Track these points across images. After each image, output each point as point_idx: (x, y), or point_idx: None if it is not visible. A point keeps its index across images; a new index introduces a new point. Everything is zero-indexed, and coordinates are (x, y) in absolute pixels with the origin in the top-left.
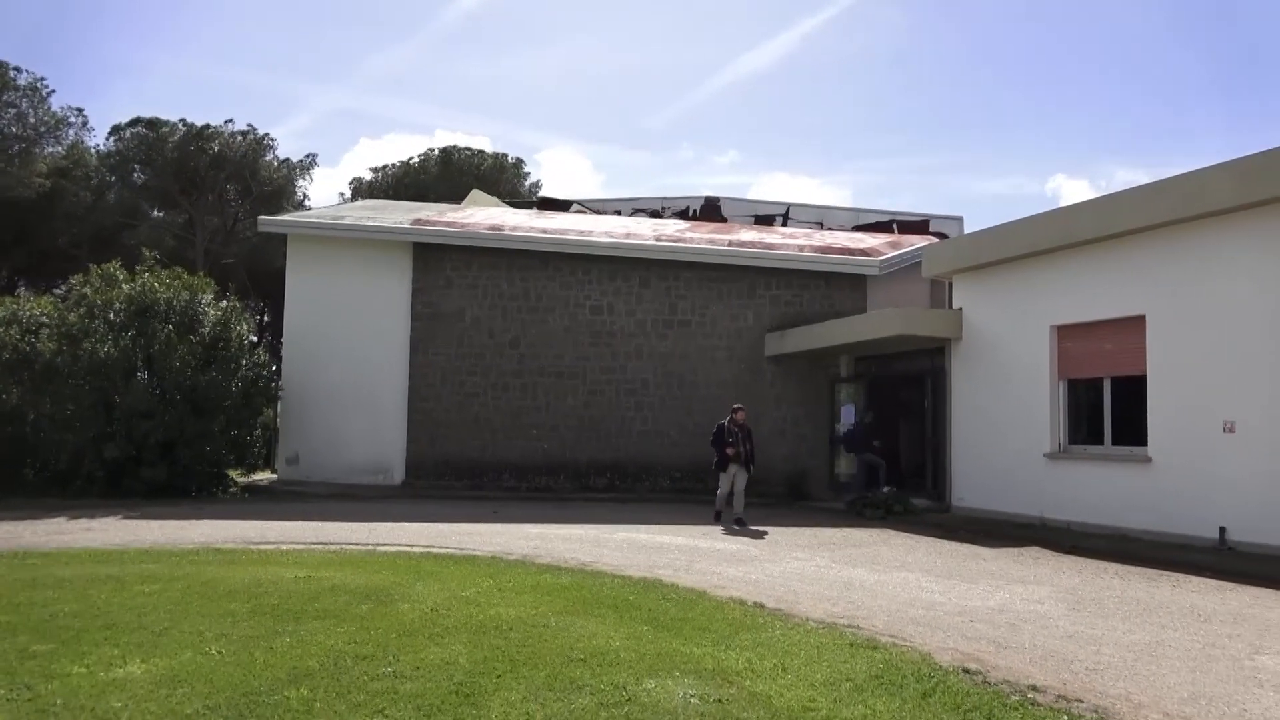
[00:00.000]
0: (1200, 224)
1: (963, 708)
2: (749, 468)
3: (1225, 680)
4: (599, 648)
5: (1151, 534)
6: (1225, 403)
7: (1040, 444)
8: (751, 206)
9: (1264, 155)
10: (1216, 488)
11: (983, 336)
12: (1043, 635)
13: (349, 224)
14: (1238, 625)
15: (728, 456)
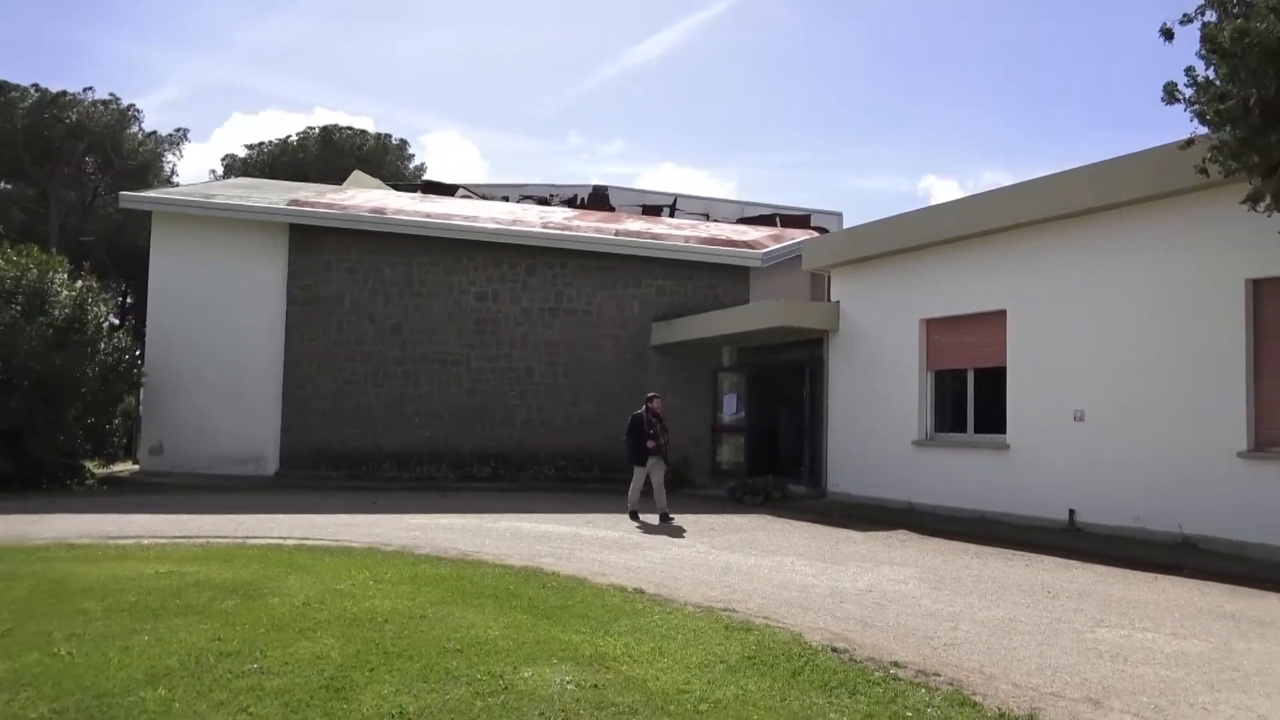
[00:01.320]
0: (1058, 224)
1: (829, 685)
2: (667, 459)
3: (1069, 652)
4: (477, 637)
5: (1009, 517)
6: (1076, 394)
7: (909, 432)
8: (639, 196)
9: (1116, 161)
10: (1067, 473)
11: (858, 328)
12: (906, 614)
13: (221, 203)
14: (1082, 601)
15: (648, 450)
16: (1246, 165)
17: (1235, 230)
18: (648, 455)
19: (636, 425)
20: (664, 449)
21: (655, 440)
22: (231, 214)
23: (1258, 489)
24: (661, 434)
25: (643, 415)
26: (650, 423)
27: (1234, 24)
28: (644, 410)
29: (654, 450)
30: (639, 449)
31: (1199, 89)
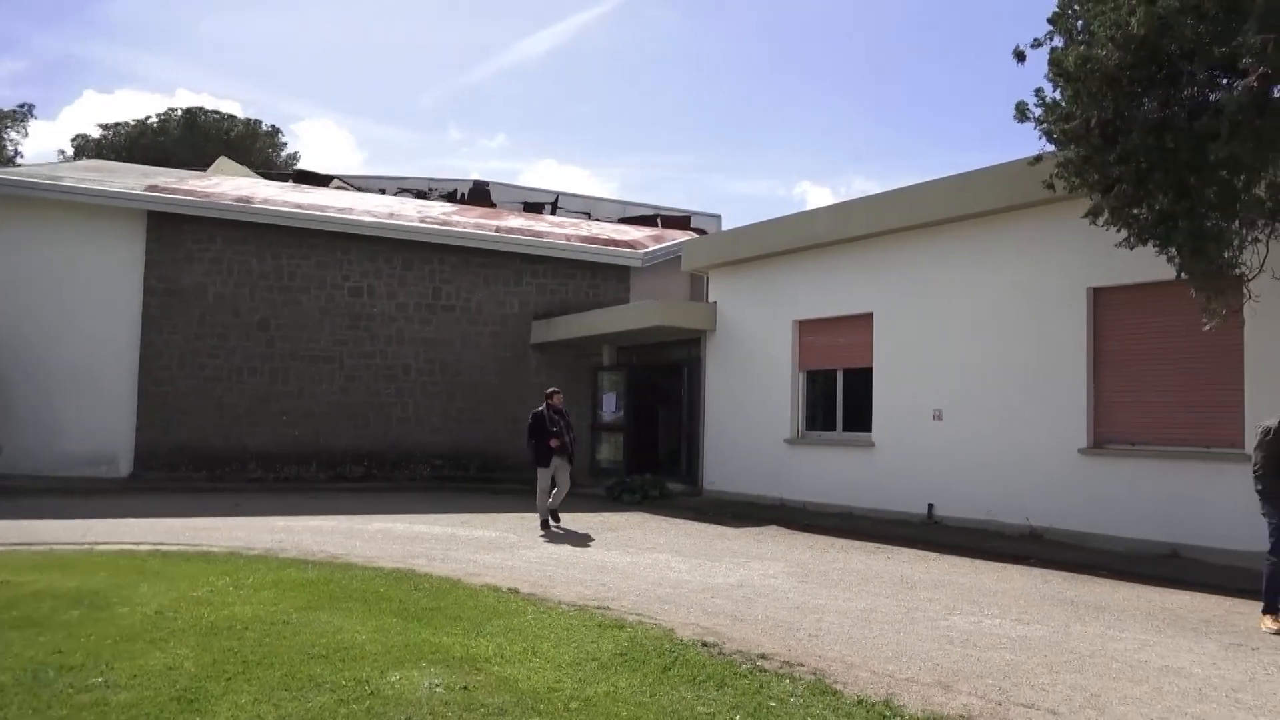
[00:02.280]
0: (921, 232)
1: (698, 679)
2: (572, 460)
3: (924, 639)
4: (343, 642)
5: (875, 512)
6: (936, 394)
7: (782, 430)
8: (521, 193)
9: (973, 174)
10: (927, 469)
11: (734, 329)
12: (774, 607)
13: (70, 185)
14: (937, 590)
15: (551, 449)
16: (1088, 182)
17: (1079, 242)
18: (551, 455)
19: (538, 424)
20: (569, 448)
21: (559, 439)
22: (83, 198)
23: (1096, 483)
24: (565, 431)
25: (543, 413)
26: (552, 420)
27: (1077, 50)
28: (545, 408)
29: (558, 450)
30: (542, 449)
31: (1047, 109)
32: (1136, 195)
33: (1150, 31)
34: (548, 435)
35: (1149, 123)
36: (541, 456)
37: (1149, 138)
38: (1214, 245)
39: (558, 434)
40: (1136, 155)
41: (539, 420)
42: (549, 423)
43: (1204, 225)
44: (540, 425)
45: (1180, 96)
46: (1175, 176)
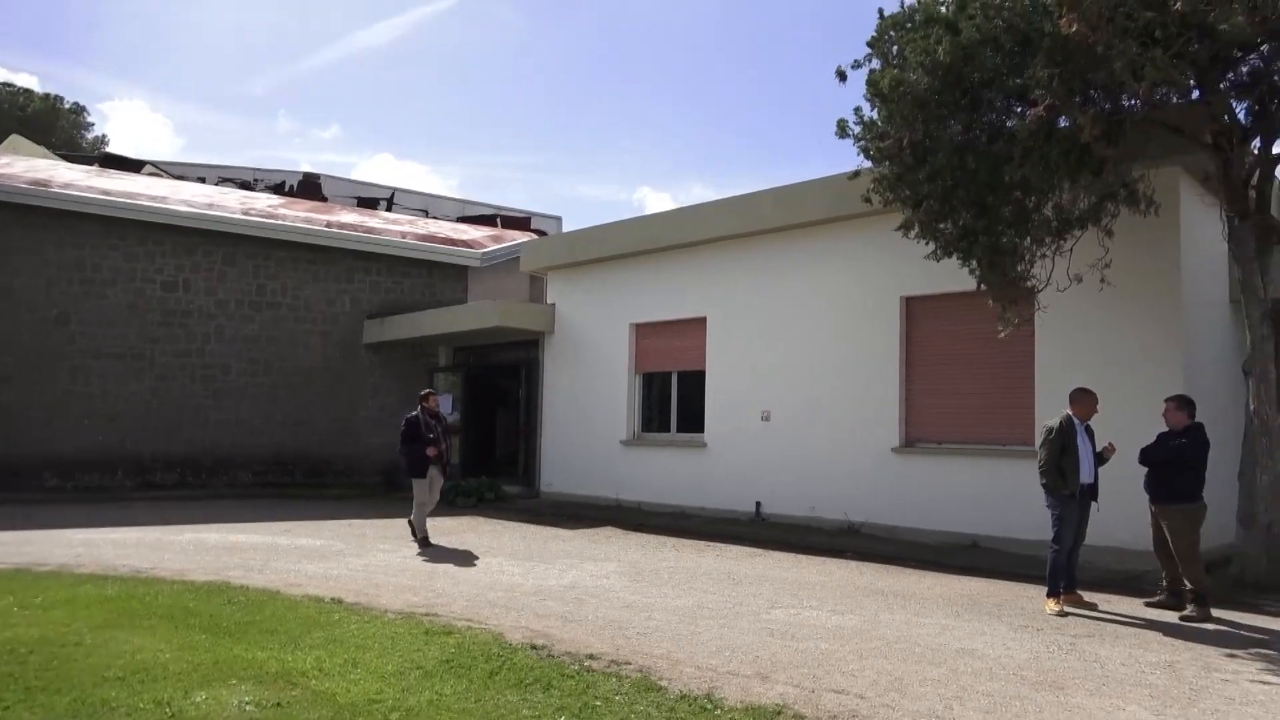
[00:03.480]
0: (752, 239)
1: (525, 682)
2: (447, 470)
3: (747, 633)
4: (143, 662)
5: (706, 511)
6: (764, 395)
7: (618, 432)
8: (355, 188)
9: (799, 185)
10: (755, 469)
11: (573, 331)
12: (605, 607)
13: None
14: (761, 585)
15: (429, 458)
16: (900, 197)
17: (893, 253)
18: (428, 465)
19: (413, 430)
20: (445, 456)
21: (437, 446)
22: None
23: (906, 480)
24: (443, 438)
25: (418, 418)
26: (428, 425)
27: (892, 73)
28: (419, 411)
29: (435, 459)
30: (417, 458)
31: (865, 127)
32: (942, 211)
33: (955, 60)
34: (424, 443)
35: (953, 144)
36: (417, 466)
37: (953, 158)
38: (1008, 260)
39: (434, 441)
40: (942, 174)
41: (414, 426)
42: (425, 428)
43: (1000, 241)
44: (416, 431)
45: (981, 121)
46: (976, 195)
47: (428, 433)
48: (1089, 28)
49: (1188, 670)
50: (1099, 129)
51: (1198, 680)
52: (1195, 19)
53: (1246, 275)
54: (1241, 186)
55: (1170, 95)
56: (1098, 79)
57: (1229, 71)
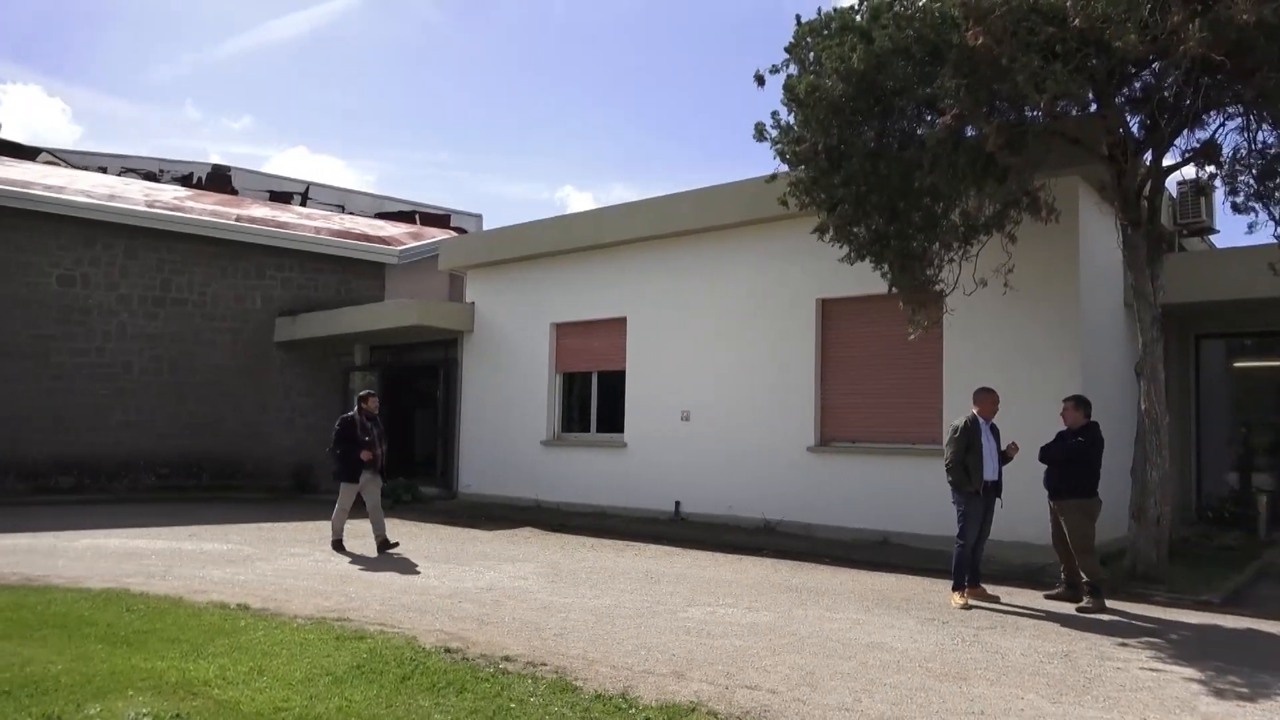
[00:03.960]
0: (671, 241)
1: (438, 686)
2: (384, 473)
3: (663, 631)
4: (32, 675)
5: (626, 510)
6: (684, 395)
7: (538, 432)
8: (267, 181)
9: (717, 188)
10: (675, 468)
11: (493, 330)
12: (522, 608)
13: None
14: (679, 584)
15: (363, 461)
16: (815, 201)
17: (810, 256)
18: (361, 469)
19: (347, 431)
20: (381, 460)
21: (372, 450)
22: None
23: (821, 478)
24: (379, 442)
25: (354, 419)
26: (364, 427)
27: (808, 79)
28: (356, 412)
29: (370, 462)
30: (351, 461)
31: (781, 131)
32: (856, 215)
33: (868, 68)
34: (359, 445)
35: (867, 150)
36: (350, 470)
37: (866, 164)
38: (918, 264)
39: (370, 444)
40: (856, 179)
41: (348, 427)
42: (361, 430)
43: (911, 245)
44: (351, 433)
45: (893, 128)
46: (888, 200)
47: (363, 435)
48: (994, 41)
49: (1083, 659)
50: (1003, 138)
51: (1092, 669)
52: (1093, 35)
53: (1139, 281)
54: (1135, 197)
55: (1070, 108)
56: (1003, 90)
57: (1124, 87)
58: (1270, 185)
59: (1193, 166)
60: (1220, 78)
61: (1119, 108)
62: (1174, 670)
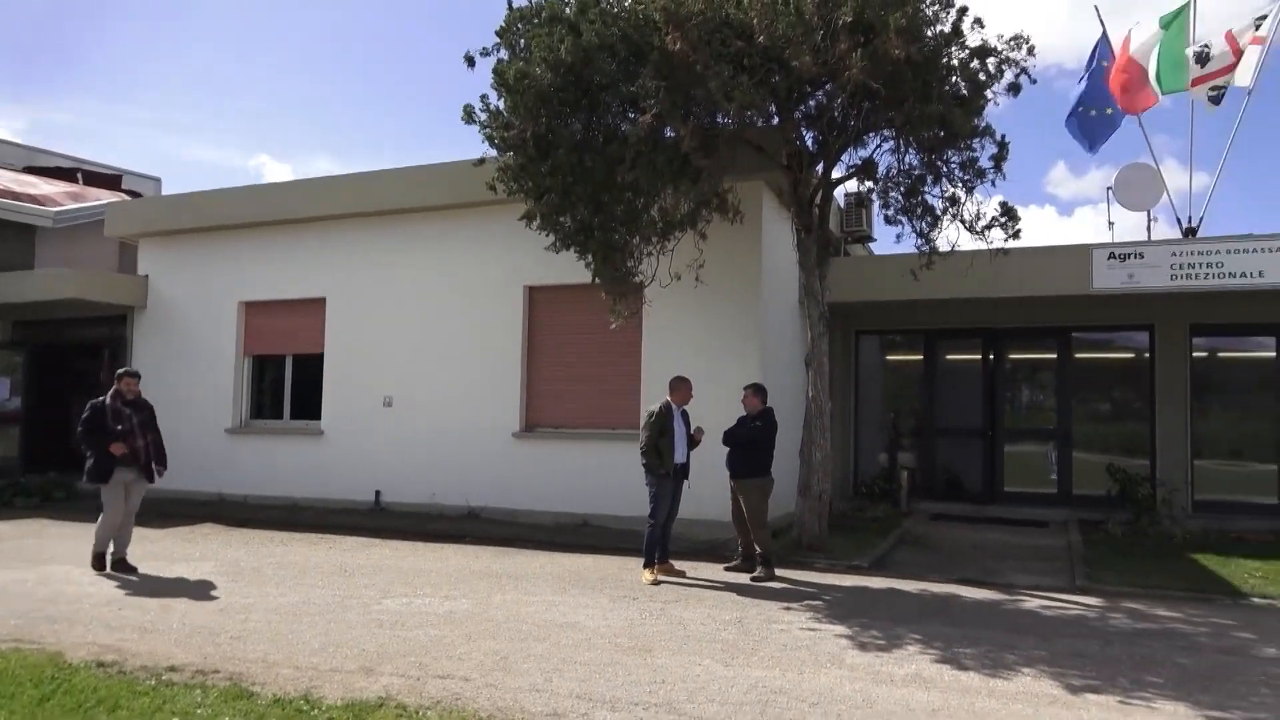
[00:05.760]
0: (377, 219)
1: (84, 705)
2: (152, 472)
3: (354, 626)
4: None
5: (322, 501)
6: (386, 381)
7: (223, 420)
8: None
9: (426, 167)
10: (375, 456)
11: (171, 307)
12: (195, 613)
13: None
14: (375, 576)
15: (115, 458)
16: (523, 188)
17: (518, 242)
18: (114, 466)
19: (97, 420)
20: (146, 454)
21: (130, 442)
22: None
23: (526, 464)
24: (140, 432)
25: (105, 405)
26: (121, 415)
27: (518, 65)
28: (110, 396)
29: (129, 458)
30: (103, 459)
31: (491, 116)
32: (562, 205)
33: (576, 60)
34: (111, 437)
35: (573, 141)
36: (100, 468)
37: (573, 155)
38: (619, 256)
39: (127, 435)
40: (563, 169)
41: (98, 415)
42: (114, 419)
43: (613, 238)
44: (100, 422)
45: (599, 122)
46: (592, 192)
47: (116, 424)
48: (690, 47)
49: (753, 624)
50: (697, 141)
51: (760, 632)
52: (775, 53)
53: (809, 281)
54: (808, 204)
55: (756, 118)
56: (698, 95)
57: (802, 103)
58: (914, 202)
59: (855, 181)
60: (878, 103)
61: (797, 122)
62: (828, 629)
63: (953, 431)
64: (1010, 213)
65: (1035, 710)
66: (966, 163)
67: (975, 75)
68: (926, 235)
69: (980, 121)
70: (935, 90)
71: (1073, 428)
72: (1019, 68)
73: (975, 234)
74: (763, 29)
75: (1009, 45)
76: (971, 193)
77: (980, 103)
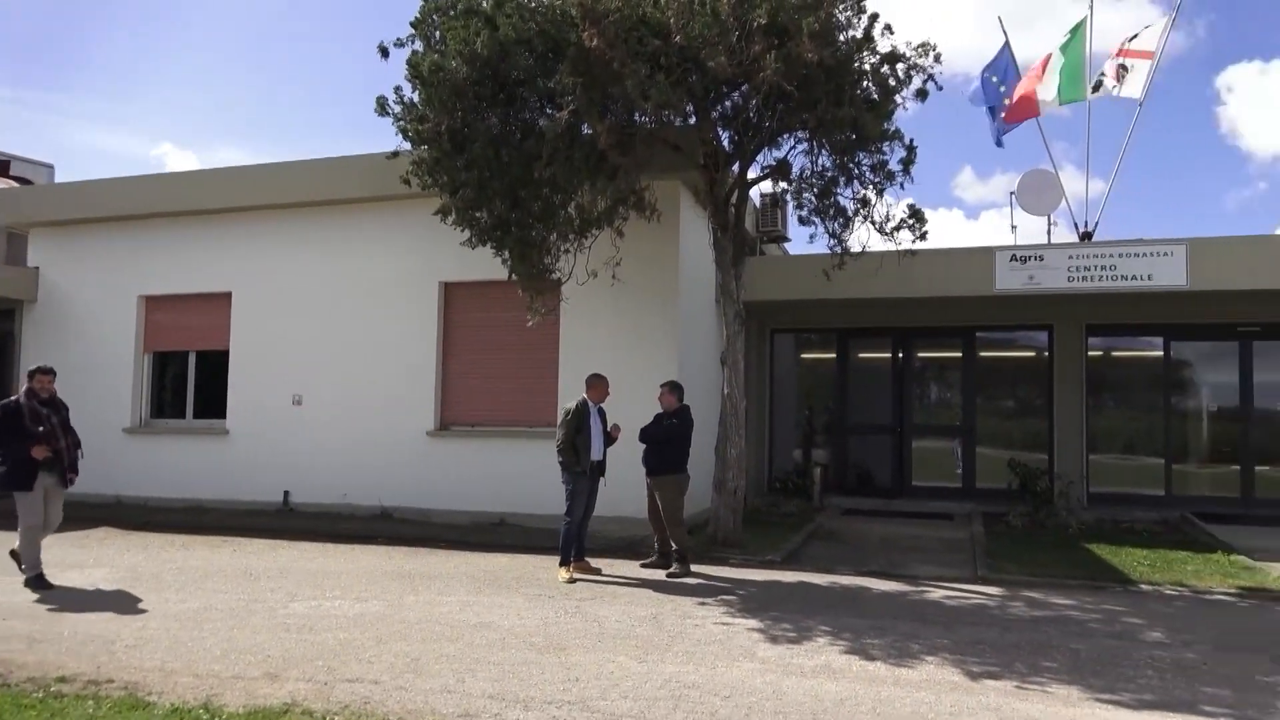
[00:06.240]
0: (287, 212)
1: None
2: (66, 476)
3: (259, 631)
4: None
5: (227, 503)
6: (296, 378)
7: (120, 419)
8: None
9: (339, 160)
10: (284, 455)
11: (64, 301)
12: (89, 621)
13: None
14: (282, 579)
15: (35, 462)
16: (438, 183)
17: (434, 238)
18: (35, 472)
19: (13, 421)
20: (67, 458)
21: (53, 443)
22: None
23: (440, 462)
24: (60, 433)
25: (19, 405)
26: (39, 415)
27: (432, 58)
28: (22, 395)
29: (50, 461)
30: (20, 461)
31: (405, 108)
32: (478, 200)
33: (493, 55)
34: (30, 440)
35: (490, 136)
36: (22, 473)
37: (489, 150)
38: (536, 252)
39: (49, 436)
40: (479, 164)
41: (12, 416)
42: (32, 419)
43: (530, 234)
44: (16, 423)
45: (516, 117)
46: (509, 188)
47: (36, 425)
48: (607, 44)
49: (668, 620)
50: (614, 139)
51: (675, 628)
52: (691, 53)
53: (725, 280)
54: (724, 204)
55: (673, 117)
56: (615, 93)
57: (719, 104)
58: (826, 203)
59: (770, 181)
60: (792, 105)
61: (713, 122)
62: (741, 623)
63: (864, 428)
64: (918, 215)
65: (937, 697)
66: (877, 165)
67: (885, 80)
68: (839, 236)
69: (890, 125)
70: (847, 94)
71: (977, 424)
72: (926, 74)
73: (885, 235)
74: (679, 29)
75: (917, 52)
76: (882, 195)
77: (890, 107)
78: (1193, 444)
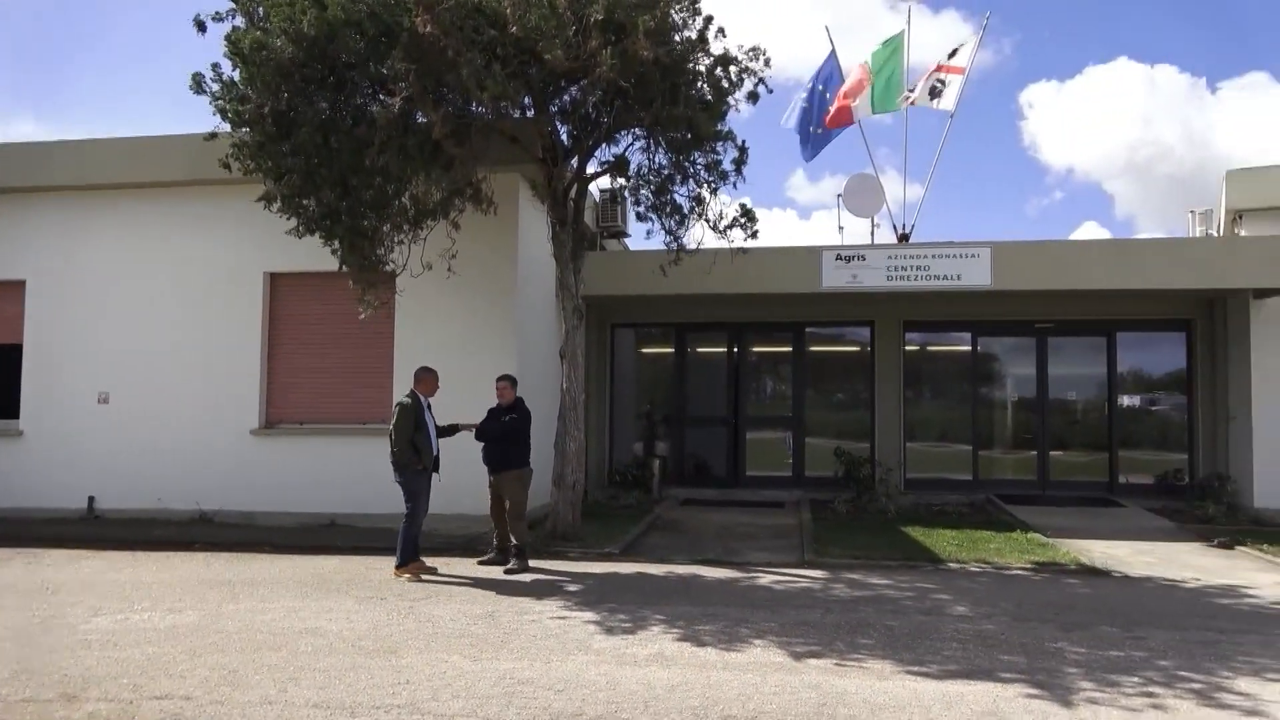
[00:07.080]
0: (90, 194)
1: None
2: None
3: (56, 650)
4: None
5: (21, 511)
6: (102, 375)
7: None
8: None
9: (153, 139)
10: (89, 458)
11: None
12: None
13: None
14: (84, 592)
15: None
16: (262, 168)
17: (258, 226)
18: None
19: None
20: None
21: None
22: None
23: (265, 462)
24: None
25: None
26: None
27: (255, 35)
28: None
29: None
30: None
31: (224, 87)
32: (305, 187)
33: (320, 35)
34: None
35: (318, 121)
36: None
37: (317, 135)
38: (368, 243)
39: None
40: (306, 149)
41: None
42: None
43: (361, 224)
44: None
45: (347, 102)
46: (339, 175)
47: None
48: (441, 31)
49: (505, 617)
50: (449, 128)
51: (511, 624)
52: (528, 45)
53: (563, 274)
54: (563, 198)
55: (510, 109)
56: (450, 81)
57: (557, 98)
58: (663, 200)
59: (608, 177)
60: (629, 102)
61: (552, 116)
62: (578, 616)
63: (701, 420)
64: (749, 214)
65: (763, 678)
66: (711, 164)
67: (719, 82)
68: (675, 233)
69: (723, 126)
70: (682, 93)
71: (806, 415)
72: (758, 77)
73: (718, 233)
74: (515, 19)
75: (749, 55)
76: (716, 193)
77: (723, 108)
78: (997, 432)
